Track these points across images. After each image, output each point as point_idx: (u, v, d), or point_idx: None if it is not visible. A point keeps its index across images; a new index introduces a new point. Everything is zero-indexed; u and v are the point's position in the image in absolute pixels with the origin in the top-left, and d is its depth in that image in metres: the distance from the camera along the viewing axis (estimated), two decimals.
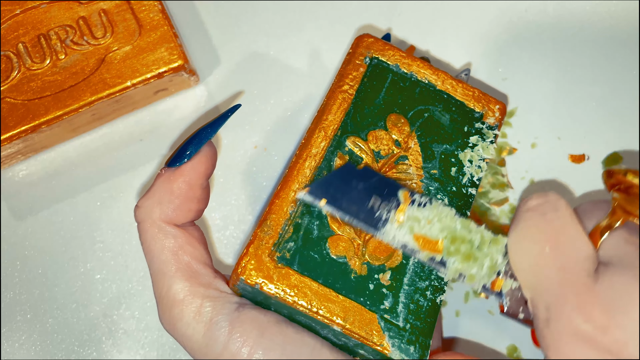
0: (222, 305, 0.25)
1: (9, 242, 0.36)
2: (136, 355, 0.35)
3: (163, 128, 0.38)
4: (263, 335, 0.24)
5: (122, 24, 0.36)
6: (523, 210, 0.25)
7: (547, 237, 0.24)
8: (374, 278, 0.26)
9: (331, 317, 0.24)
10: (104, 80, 0.35)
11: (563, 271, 0.23)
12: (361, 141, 0.28)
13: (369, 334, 0.25)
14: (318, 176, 0.27)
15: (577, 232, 0.24)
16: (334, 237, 0.26)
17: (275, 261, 0.25)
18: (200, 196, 0.26)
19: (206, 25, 0.40)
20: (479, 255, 0.26)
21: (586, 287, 0.23)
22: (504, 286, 0.26)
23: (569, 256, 0.23)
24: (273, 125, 0.38)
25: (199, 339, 0.24)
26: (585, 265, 0.23)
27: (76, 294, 0.36)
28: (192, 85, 0.38)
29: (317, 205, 0.26)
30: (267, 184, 0.37)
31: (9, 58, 0.35)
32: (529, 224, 0.25)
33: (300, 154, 0.27)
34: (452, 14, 0.40)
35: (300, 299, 0.24)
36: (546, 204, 0.25)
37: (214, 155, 0.27)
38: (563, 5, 0.40)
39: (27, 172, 0.37)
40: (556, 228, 0.24)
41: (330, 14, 0.40)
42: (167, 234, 0.26)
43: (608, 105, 0.39)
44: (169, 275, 0.25)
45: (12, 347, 0.35)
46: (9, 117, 0.34)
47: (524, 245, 0.25)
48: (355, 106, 0.28)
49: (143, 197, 0.26)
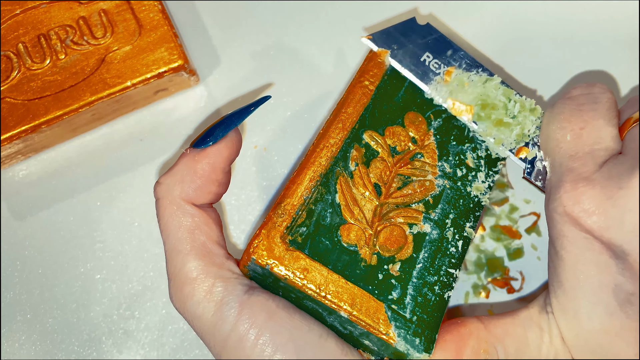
0: (234, 287, 0.25)
1: (9, 242, 0.36)
2: (136, 355, 0.35)
3: (163, 128, 0.38)
4: (271, 319, 0.24)
5: (122, 24, 0.36)
6: (565, 96, 0.28)
7: (574, 125, 0.26)
8: (383, 268, 0.26)
9: (339, 302, 0.25)
10: (104, 80, 0.35)
11: (573, 159, 0.26)
12: (378, 136, 0.28)
13: (376, 322, 0.25)
14: (334, 166, 0.27)
15: (605, 124, 0.26)
16: (345, 226, 0.26)
17: (287, 244, 0.25)
18: (221, 180, 0.27)
19: (206, 25, 0.40)
20: (511, 123, 0.29)
21: (587, 174, 0.25)
22: (529, 154, 0.29)
23: (586, 146, 0.26)
24: (273, 125, 0.38)
25: (208, 317, 0.24)
26: (597, 155, 0.25)
27: (76, 294, 0.36)
28: (192, 85, 0.38)
29: (375, 49, 0.29)
30: (267, 184, 0.37)
31: (9, 58, 0.35)
32: (564, 109, 0.27)
33: (318, 143, 0.27)
34: (451, 14, 0.40)
35: (309, 282, 0.25)
36: (588, 95, 0.27)
37: (240, 142, 0.27)
38: (563, 5, 0.40)
39: (27, 172, 0.37)
40: (585, 119, 0.26)
41: (330, 14, 0.40)
42: (185, 212, 0.26)
43: None
44: (184, 253, 0.25)
45: (12, 347, 0.35)
46: (9, 117, 0.34)
47: (552, 128, 0.27)
48: (374, 102, 0.29)
49: (165, 175, 0.26)
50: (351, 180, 0.27)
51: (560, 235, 0.25)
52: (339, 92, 0.39)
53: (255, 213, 0.37)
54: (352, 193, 0.27)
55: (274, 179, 0.37)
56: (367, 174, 0.27)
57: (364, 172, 0.27)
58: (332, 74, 0.39)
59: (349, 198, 0.27)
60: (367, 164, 0.28)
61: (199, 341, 0.35)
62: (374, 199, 0.27)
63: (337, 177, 0.27)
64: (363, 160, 0.28)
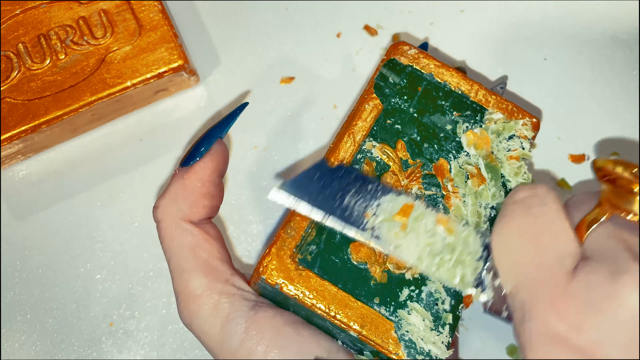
0: (240, 302, 0.25)
1: (9, 242, 0.36)
2: (136, 355, 0.35)
3: (163, 128, 0.38)
4: (279, 334, 0.24)
5: (122, 24, 0.36)
6: (510, 202, 0.25)
7: (529, 232, 0.23)
8: (393, 286, 0.26)
9: (348, 322, 0.25)
10: (104, 80, 0.35)
11: (540, 269, 0.23)
12: (389, 149, 0.28)
13: (385, 342, 0.25)
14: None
15: (562, 228, 0.23)
16: (355, 243, 0.26)
17: (297, 263, 0.25)
18: (213, 192, 0.27)
19: (206, 25, 0.40)
20: (453, 273, 0.25)
21: (562, 286, 0.22)
22: (474, 297, 0.25)
23: (549, 254, 0.23)
24: (273, 125, 0.38)
25: (215, 334, 0.25)
26: (565, 263, 0.23)
27: (76, 294, 0.36)
28: (192, 85, 0.38)
29: (286, 205, 0.25)
30: (267, 184, 0.37)
31: (9, 58, 0.35)
32: (513, 217, 0.24)
33: (328, 158, 0.27)
34: (452, 14, 0.40)
35: (319, 302, 0.25)
36: (534, 198, 0.24)
37: (225, 153, 0.28)
38: (563, 5, 0.40)
39: (27, 172, 0.37)
40: (540, 223, 0.23)
41: (330, 14, 0.40)
42: (184, 231, 0.26)
43: (608, 105, 0.39)
44: (187, 271, 0.25)
45: (12, 347, 0.35)
46: (9, 117, 0.34)
47: (506, 239, 0.24)
48: (386, 113, 0.28)
49: (160, 197, 0.27)
50: None
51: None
52: (339, 92, 0.39)
53: (256, 213, 0.37)
54: None
55: (274, 179, 0.37)
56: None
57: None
58: (332, 73, 0.39)
59: None
60: (378, 178, 0.27)
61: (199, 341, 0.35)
62: None
63: None
64: (374, 174, 0.27)
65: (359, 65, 0.39)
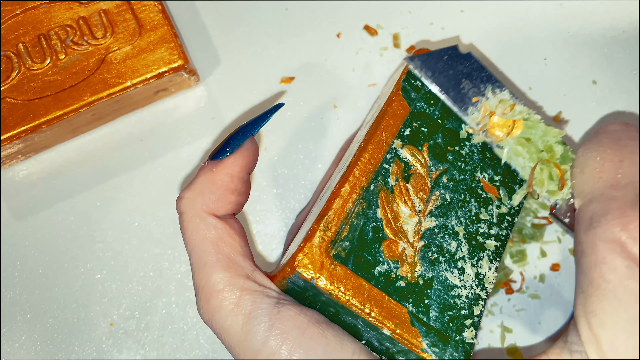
0: (262, 299, 0.24)
1: (9, 242, 0.36)
2: (136, 355, 0.35)
3: (163, 128, 0.38)
4: (304, 334, 0.24)
5: (122, 24, 0.36)
6: (602, 130, 0.28)
7: (613, 157, 0.27)
8: (423, 285, 0.26)
9: (382, 320, 0.25)
10: (104, 80, 0.35)
11: (614, 188, 0.26)
12: (417, 151, 0.28)
13: (418, 342, 0.25)
14: (375, 180, 0.27)
15: None
16: (387, 241, 0.26)
17: (332, 258, 0.25)
18: (241, 189, 0.27)
19: (206, 25, 0.40)
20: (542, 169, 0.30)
21: (630, 205, 0.25)
22: (553, 197, 0.30)
23: (625, 177, 0.26)
24: (273, 125, 0.38)
25: (237, 330, 0.24)
26: (637, 188, 0.25)
27: (76, 294, 0.36)
28: (192, 85, 0.38)
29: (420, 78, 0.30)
30: (267, 183, 0.37)
31: (9, 58, 0.35)
32: (602, 141, 0.28)
33: (359, 156, 0.27)
34: (452, 14, 0.40)
35: (354, 298, 0.24)
36: (625, 131, 0.28)
37: (256, 151, 0.27)
38: (563, 5, 0.40)
39: (27, 172, 0.37)
40: (624, 152, 0.27)
41: (330, 14, 0.40)
42: (208, 225, 0.26)
43: (608, 105, 0.39)
44: (209, 265, 0.25)
45: (12, 347, 0.35)
46: (9, 117, 0.34)
47: (590, 159, 0.28)
48: (412, 116, 0.29)
49: (185, 189, 0.26)
50: (391, 195, 0.27)
51: (600, 263, 0.25)
52: (339, 92, 0.39)
53: (256, 213, 0.37)
54: (393, 208, 0.27)
55: (274, 179, 0.37)
56: (407, 189, 0.27)
57: (404, 188, 0.27)
58: (332, 73, 0.39)
59: (390, 213, 0.26)
60: (406, 179, 0.28)
61: (199, 341, 0.35)
62: (414, 215, 0.27)
63: (378, 191, 0.27)
64: (403, 175, 0.28)
65: (359, 65, 0.39)
